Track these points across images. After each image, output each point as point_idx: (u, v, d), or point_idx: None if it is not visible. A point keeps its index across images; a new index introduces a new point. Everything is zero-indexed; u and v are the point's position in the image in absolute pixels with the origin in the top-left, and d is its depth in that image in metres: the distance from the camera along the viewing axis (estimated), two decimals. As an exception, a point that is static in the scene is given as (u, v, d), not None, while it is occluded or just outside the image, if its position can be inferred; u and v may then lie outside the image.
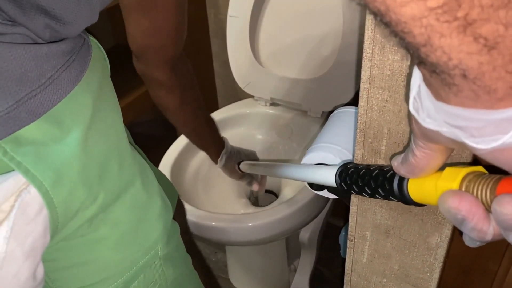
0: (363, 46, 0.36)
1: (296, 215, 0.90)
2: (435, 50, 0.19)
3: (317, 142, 0.55)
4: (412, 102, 0.25)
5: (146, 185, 0.51)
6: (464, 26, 0.17)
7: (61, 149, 0.37)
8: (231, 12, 1.09)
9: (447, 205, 0.25)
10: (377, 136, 0.40)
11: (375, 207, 0.45)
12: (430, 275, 0.46)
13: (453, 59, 0.18)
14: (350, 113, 0.57)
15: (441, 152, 0.27)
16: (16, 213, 0.33)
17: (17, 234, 0.34)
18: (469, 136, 0.21)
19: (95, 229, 0.44)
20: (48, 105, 0.35)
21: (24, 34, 0.34)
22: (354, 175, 0.39)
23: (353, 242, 0.50)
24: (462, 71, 0.19)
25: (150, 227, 0.51)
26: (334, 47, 1.00)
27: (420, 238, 0.44)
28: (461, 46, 0.18)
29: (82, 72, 0.39)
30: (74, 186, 0.39)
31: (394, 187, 0.33)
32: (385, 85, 0.37)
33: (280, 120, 1.17)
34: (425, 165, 0.29)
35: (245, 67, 1.14)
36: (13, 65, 0.32)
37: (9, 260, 0.34)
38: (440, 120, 0.23)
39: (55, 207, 0.37)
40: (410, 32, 0.19)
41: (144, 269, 0.51)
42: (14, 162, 0.34)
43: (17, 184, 0.34)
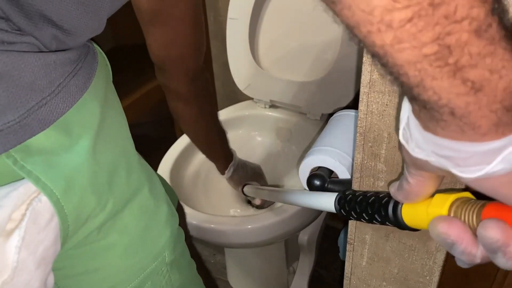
0: (363, 50, 0.36)
1: (295, 218, 0.90)
2: (427, 90, 0.21)
3: (317, 145, 0.55)
4: (402, 133, 0.27)
5: (153, 192, 0.51)
6: (454, 71, 0.19)
7: (70, 157, 0.37)
8: (230, 14, 1.09)
9: (437, 231, 0.27)
10: (377, 140, 0.40)
11: (374, 210, 0.45)
12: (429, 279, 0.46)
13: (443, 99, 0.20)
14: (350, 116, 0.57)
15: (433, 179, 0.29)
16: (28, 222, 0.33)
17: (29, 243, 0.34)
18: (455, 166, 0.23)
19: (104, 236, 0.44)
20: (58, 113, 0.35)
21: (31, 43, 0.34)
22: (352, 202, 0.40)
23: (353, 245, 0.50)
24: (451, 110, 0.21)
25: (158, 234, 0.51)
26: (334, 50, 1.01)
27: (420, 242, 0.44)
28: (451, 88, 0.20)
29: (90, 79, 0.39)
30: (84, 194, 0.39)
31: (389, 213, 0.35)
32: (385, 90, 0.37)
33: (280, 123, 1.17)
34: (418, 191, 0.30)
35: (244, 69, 1.14)
36: (24, 73, 0.33)
37: (20, 269, 0.33)
38: (428, 150, 0.24)
39: (66, 215, 0.37)
40: (405, 74, 0.21)
41: (152, 276, 0.51)
42: (25, 170, 0.34)
43: (28, 193, 0.34)
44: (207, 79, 0.76)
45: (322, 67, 1.04)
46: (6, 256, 0.33)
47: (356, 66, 0.98)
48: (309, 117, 1.12)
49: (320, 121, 1.12)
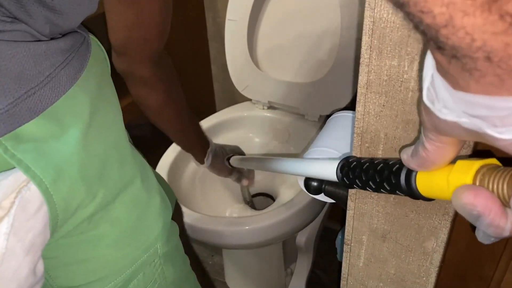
0: (361, 51, 0.36)
1: (292, 219, 0.90)
2: (457, 31, 0.17)
3: (314, 146, 0.55)
4: (426, 93, 0.24)
5: (146, 184, 0.51)
6: (489, 3, 0.16)
7: (61, 146, 0.37)
8: (229, 15, 1.09)
9: (461, 201, 0.24)
10: (374, 141, 0.40)
11: (371, 211, 0.45)
12: (426, 279, 0.46)
13: (476, 40, 0.17)
14: (347, 117, 0.58)
15: (453, 145, 0.26)
16: (16, 209, 0.34)
17: (17, 230, 0.34)
18: (492, 126, 0.20)
19: (95, 226, 0.44)
20: (47, 102, 0.35)
21: (24, 31, 0.35)
22: (357, 169, 0.37)
23: (350, 246, 0.50)
24: (486, 54, 0.17)
25: (150, 225, 0.52)
26: (332, 52, 1.01)
27: (416, 242, 0.44)
28: (486, 26, 0.17)
29: (81, 71, 0.39)
30: (74, 184, 0.39)
31: (401, 181, 0.32)
32: (382, 90, 0.37)
33: (278, 124, 1.17)
34: (436, 159, 0.27)
35: (243, 71, 1.14)
36: (12, 63, 0.33)
37: (9, 256, 0.34)
38: (459, 110, 0.21)
39: (55, 204, 0.37)
40: (429, 12, 0.17)
41: (144, 267, 0.52)
42: (15, 159, 0.34)
43: (18, 181, 0.34)
44: (171, 63, 0.71)
45: (320, 68, 1.05)
46: None
47: (354, 68, 0.98)
48: (307, 118, 1.13)
49: (318, 122, 1.12)
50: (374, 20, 0.34)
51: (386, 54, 0.35)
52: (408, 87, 0.35)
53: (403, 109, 0.37)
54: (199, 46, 1.40)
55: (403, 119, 0.37)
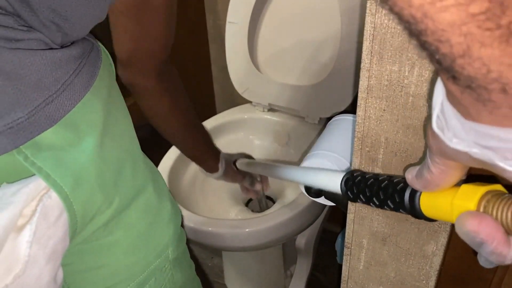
0: (361, 56, 0.36)
1: (293, 221, 0.90)
2: (473, 61, 0.17)
3: (315, 149, 0.56)
4: (436, 120, 0.24)
5: (157, 190, 0.52)
6: (508, 36, 0.16)
7: (78, 154, 0.38)
8: (229, 18, 1.10)
9: (465, 228, 0.24)
10: (374, 145, 0.41)
11: (372, 215, 0.45)
12: (426, 283, 0.47)
13: (493, 72, 0.17)
14: (348, 121, 0.58)
15: (458, 169, 0.26)
16: (38, 217, 0.34)
17: (39, 238, 0.34)
18: (503, 159, 0.20)
19: (110, 233, 0.44)
20: (64, 110, 0.36)
21: (39, 39, 0.35)
22: (361, 184, 0.38)
23: (350, 249, 0.50)
24: (502, 85, 0.17)
25: (162, 231, 0.52)
26: (333, 54, 1.01)
27: (416, 246, 0.44)
28: (503, 58, 0.17)
29: (93, 77, 0.39)
30: (92, 191, 0.39)
31: (405, 200, 0.32)
32: (383, 95, 0.37)
33: (278, 126, 1.17)
34: (440, 181, 0.28)
35: (243, 73, 1.14)
36: (31, 71, 0.33)
37: (32, 264, 0.34)
38: (470, 141, 0.21)
39: (75, 211, 0.38)
40: (447, 41, 0.17)
41: (155, 273, 0.52)
42: (35, 167, 0.35)
43: (38, 189, 0.35)
44: (176, 73, 0.71)
45: (321, 71, 1.05)
46: (17, 251, 0.33)
47: (355, 70, 0.98)
48: (307, 121, 1.13)
49: (318, 125, 1.12)
50: (375, 26, 0.34)
51: (387, 59, 0.35)
52: (408, 92, 0.36)
53: (404, 113, 0.37)
54: (199, 48, 1.41)
55: (403, 124, 0.38)
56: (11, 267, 0.33)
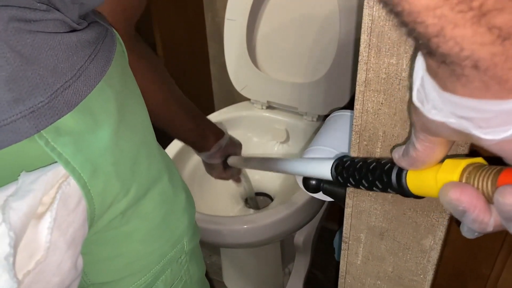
0: (359, 49, 0.36)
1: (291, 218, 0.90)
2: (447, 40, 0.19)
3: (313, 145, 0.56)
4: (416, 94, 0.25)
5: (172, 180, 0.52)
6: (479, 17, 0.17)
7: (96, 141, 0.38)
8: (228, 15, 1.10)
9: (448, 197, 0.25)
10: (372, 138, 0.41)
11: (370, 209, 0.46)
12: (423, 277, 0.47)
13: (465, 50, 0.18)
14: (346, 117, 0.58)
15: (442, 145, 0.28)
16: (58, 204, 0.34)
17: (60, 225, 0.35)
18: (477, 127, 0.21)
19: (126, 222, 0.45)
20: (80, 95, 0.36)
21: (56, 19, 0.35)
22: (351, 168, 0.38)
23: (348, 244, 0.50)
24: (474, 62, 0.19)
25: (177, 221, 0.53)
26: (331, 51, 1.01)
27: (414, 240, 0.45)
28: (474, 37, 0.18)
29: (108, 63, 0.39)
30: (109, 179, 0.39)
31: (392, 179, 0.33)
32: (381, 88, 0.37)
33: (276, 124, 1.17)
34: (426, 158, 0.29)
35: (242, 70, 1.14)
36: (48, 56, 0.33)
37: (53, 250, 0.34)
38: (447, 111, 0.23)
39: (92, 198, 0.38)
40: (422, 22, 0.19)
41: (171, 264, 0.53)
42: (55, 152, 0.35)
43: (56, 177, 0.35)
44: (149, 47, 0.67)
45: (319, 68, 1.05)
46: (39, 237, 0.34)
47: (353, 68, 0.98)
48: (305, 118, 1.13)
49: (317, 122, 1.12)
50: (373, 19, 0.34)
51: (385, 52, 0.35)
52: (406, 85, 0.36)
53: (402, 107, 0.37)
54: (198, 46, 1.40)
55: (401, 117, 0.38)
56: (33, 254, 0.33)
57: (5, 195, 0.33)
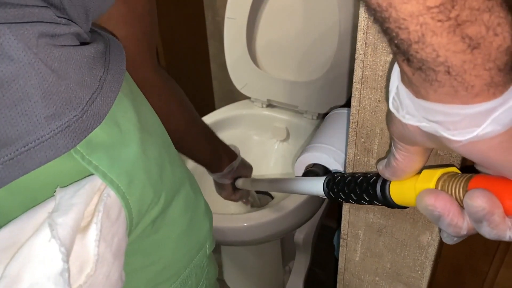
0: (356, 47, 0.37)
1: (290, 216, 0.90)
2: (426, 47, 0.21)
3: (312, 143, 0.56)
4: (392, 102, 0.27)
5: (192, 185, 0.52)
6: (455, 26, 0.20)
7: (126, 151, 0.38)
8: (228, 14, 1.10)
9: (423, 203, 0.27)
10: (369, 135, 0.41)
11: (367, 206, 0.46)
12: (421, 273, 0.47)
13: (440, 56, 0.21)
14: (345, 115, 0.58)
15: (420, 154, 0.30)
16: (102, 216, 0.34)
17: (105, 236, 0.35)
18: (446, 130, 0.23)
19: (156, 230, 0.45)
20: (106, 107, 0.36)
21: (74, 33, 0.35)
22: (341, 183, 0.40)
23: (346, 240, 0.51)
24: (447, 68, 0.21)
25: (200, 226, 0.53)
26: (331, 50, 1.01)
27: (412, 237, 0.45)
28: (449, 45, 0.20)
29: (122, 72, 0.39)
30: (144, 187, 0.40)
31: (377, 191, 0.35)
32: (378, 86, 0.38)
33: (276, 122, 1.17)
34: (405, 167, 0.31)
35: (242, 69, 1.14)
36: (74, 69, 0.33)
37: (101, 262, 0.34)
38: (419, 116, 0.25)
39: (131, 208, 0.38)
40: (406, 28, 0.20)
41: (196, 268, 0.53)
42: (92, 166, 0.35)
43: (94, 189, 0.35)
44: (167, 74, 0.68)
45: (319, 67, 1.05)
46: (87, 250, 0.33)
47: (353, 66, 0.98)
48: (305, 116, 1.13)
49: (317, 120, 1.12)
50: (369, 17, 0.34)
51: (382, 50, 0.35)
52: (402, 82, 0.36)
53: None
54: (198, 45, 1.41)
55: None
56: (82, 268, 0.33)
57: (46, 211, 0.32)
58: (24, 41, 0.30)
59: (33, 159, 0.31)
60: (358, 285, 0.54)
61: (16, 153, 0.31)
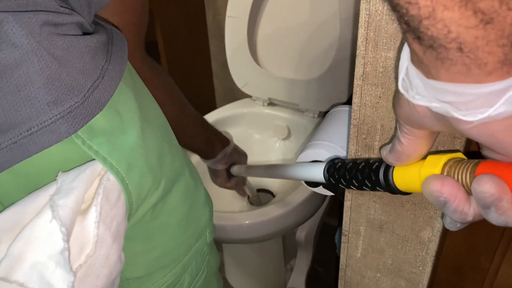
0: (357, 43, 0.37)
1: (292, 214, 0.91)
2: (437, 22, 0.20)
3: (312, 140, 0.56)
4: (401, 83, 0.26)
5: (193, 174, 0.54)
6: (466, 1, 0.19)
7: (126, 138, 0.39)
8: (229, 12, 1.10)
9: (429, 189, 0.27)
10: (370, 132, 0.41)
11: (368, 202, 0.46)
12: (422, 269, 0.47)
13: (452, 32, 0.20)
14: (345, 112, 0.58)
15: (425, 138, 0.29)
16: (102, 199, 0.36)
17: (104, 219, 0.36)
18: (457, 110, 0.23)
19: (156, 216, 0.46)
20: (107, 95, 0.37)
21: (77, 22, 0.36)
22: (342, 169, 0.40)
23: (347, 237, 0.51)
24: (459, 44, 0.20)
25: (200, 213, 0.55)
26: (332, 48, 1.02)
27: (413, 232, 0.45)
28: (461, 20, 0.19)
29: (124, 63, 0.41)
30: (143, 173, 0.41)
31: (380, 177, 0.35)
32: (378, 82, 0.38)
33: (277, 120, 1.18)
34: (411, 152, 0.30)
35: (243, 67, 1.15)
36: (77, 58, 0.35)
37: (100, 243, 0.36)
38: (430, 97, 0.24)
39: (130, 192, 0.40)
40: (416, 3, 0.20)
41: (196, 256, 0.55)
42: (92, 150, 0.36)
43: (94, 174, 0.36)
44: (159, 66, 0.69)
45: (320, 65, 1.05)
46: (86, 232, 0.35)
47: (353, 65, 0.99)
48: (306, 114, 1.13)
49: (318, 118, 1.12)
50: (370, 13, 0.35)
51: (382, 46, 0.36)
52: (403, 78, 0.36)
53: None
54: (199, 43, 1.41)
55: (398, 110, 0.38)
56: (82, 248, 0.35)
57: (48, 194, 0.34)
58: (28, 29, 0.31)
59: (35, 143, 0.32)
60: (359, 281, 0.54)
61: (20, 137, 0.32)
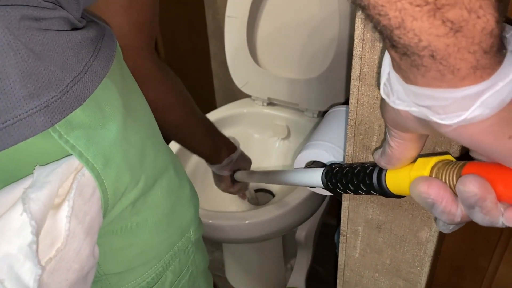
0: (353, 44, 0.37)
1: (292, 213, 0.91)
2: (407, 32, 0.21)
3: (311, 140, 0.56)
4: (383, 88, 0.27)
5: (177, 172, 0.53)
6: (434, 10, 0.19)
7: (105, 134, 0.39)
8: (229, 12, 1.10)
9: (417, 191, 0.28)
10: (368, 132, 0.41)
11: (366, 202, 0.46)
12: (420, 269, 0.47)
13: (423, 41, 0.20)
14: (343, 112, 0.58)
15: (414, 141, 0.30)
16: (75, 194, 0.36)
17: (77, 214, 0.36)
18: (435, 114, 0.23)
19: (137, 212, 0.46)
20: (88, 90, 0.37)
21: (62, 17, 0.36)
22: (339, 174, 0.41)
23: (346, 237, 0.51)
24: (431, 52, 0.21)
25: (184, 211, 0.55)
26: (331, 48, 1.02)
27: (411, 232, 0.45)
28: (431, 29, 0.20)
29: (111, 60, 0.41)
30: (120, 169, 0.41)
31: (373, 181, 0.35)
32: (375, 83, 0.38)
33: (277, 120, 1.18)
34: (400, 155, 0.31)
35: (242, 67, 1.15)
36: (57, 53, 0.35)
37: (72, 238, 0.36)
38: (409, 101, 0.25)
39: (106, 188, 0.40)
40: (386, 14, 0.21)
41: (179, 253, 0.55)
42: (69, 145, 0.36)
43: (70, 169, 0.36)
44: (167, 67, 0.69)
45: (320, 65, 1.05)
46: (58, 226, 0.35)
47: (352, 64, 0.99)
48: (306, 114, 1.14)
49: (317, 118, 1.13)
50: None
51: (379, 47, 0.36)
52: (400, 79, 0.36)
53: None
54: (199, 43, 1.41)
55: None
56: (53, 242, 0.35)
57: (22, 187, 0.34)
58: (5, 23, 0.31)
59: (11, 135, 0.33)
60: (358, 281, 0.54)
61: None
